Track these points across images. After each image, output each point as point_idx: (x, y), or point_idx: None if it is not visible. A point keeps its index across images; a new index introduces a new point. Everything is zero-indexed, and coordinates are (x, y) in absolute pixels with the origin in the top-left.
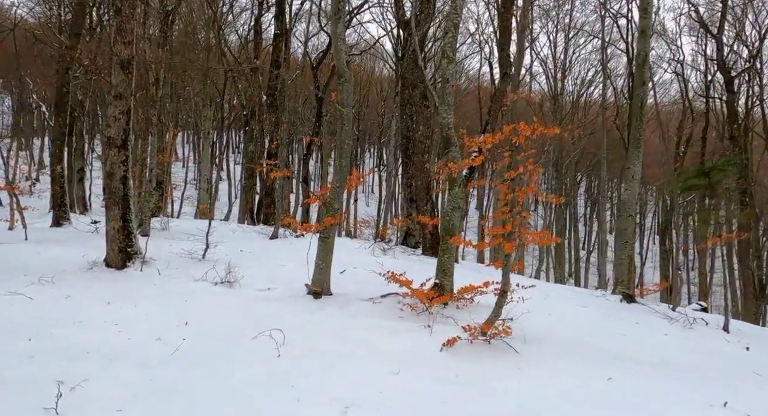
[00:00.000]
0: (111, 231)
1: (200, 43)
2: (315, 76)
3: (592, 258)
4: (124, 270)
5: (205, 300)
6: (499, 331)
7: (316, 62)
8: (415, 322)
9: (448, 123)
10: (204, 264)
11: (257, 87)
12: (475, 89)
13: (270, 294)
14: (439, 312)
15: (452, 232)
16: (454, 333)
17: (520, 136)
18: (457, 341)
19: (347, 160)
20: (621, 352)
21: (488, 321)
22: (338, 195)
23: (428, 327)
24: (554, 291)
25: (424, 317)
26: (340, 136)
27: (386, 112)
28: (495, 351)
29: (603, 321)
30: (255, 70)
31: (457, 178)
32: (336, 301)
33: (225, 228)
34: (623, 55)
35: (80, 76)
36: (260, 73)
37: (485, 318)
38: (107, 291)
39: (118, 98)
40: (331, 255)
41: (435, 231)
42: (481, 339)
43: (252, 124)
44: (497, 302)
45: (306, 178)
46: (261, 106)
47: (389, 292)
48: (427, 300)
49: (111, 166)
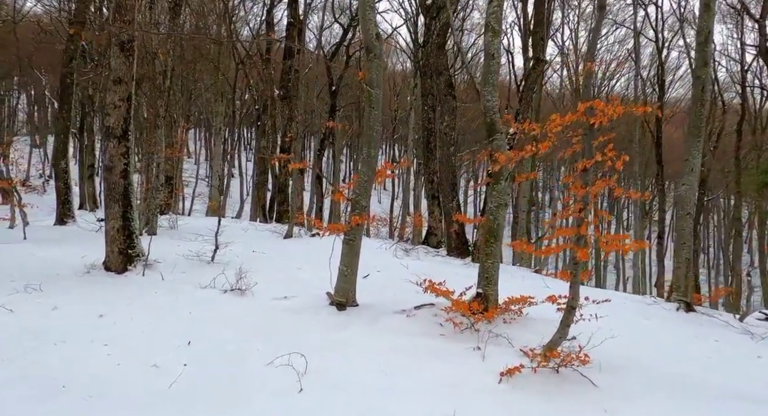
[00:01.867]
0: (110, 231)
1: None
2: (328, 68)
3: (609, 257)
4: (125, 275)
5: (213, 312)
6: (572, 358)
7: (329, 55)
8: (460, 342)
9: (492, 106)
10: (213, 267)
11: (269, 80)
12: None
13: (287, 304)
14: (486, 328)
15: (497, 233)
16: (510, 358)
17: (599, 116)
18: (520, 370)
19: (376, 149)
20: (719, 384)
21: (552, 344)
22: (366, 190)
23: (478, 349)
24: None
25: (470, 335)
26: (368, 121)
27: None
28: (567, 384)
29: (678, 340)
30: (267, 62)
31: (503, 171)
32: (363, 314)
33: (236, 227)
34: (646, 45)
35: (90, 70)
36: (272, 66)
37: (541, 336)
38: (102, 301)
39: (117, 83)
40: (357, 260)
41: (461, 230)
42: (546, 365)
43: (264, 119)
44: (563, 319)
45: (319, 175)
46: (273, 100)
47: (424, 303)
48: (472, 315)
49: (110, 159)
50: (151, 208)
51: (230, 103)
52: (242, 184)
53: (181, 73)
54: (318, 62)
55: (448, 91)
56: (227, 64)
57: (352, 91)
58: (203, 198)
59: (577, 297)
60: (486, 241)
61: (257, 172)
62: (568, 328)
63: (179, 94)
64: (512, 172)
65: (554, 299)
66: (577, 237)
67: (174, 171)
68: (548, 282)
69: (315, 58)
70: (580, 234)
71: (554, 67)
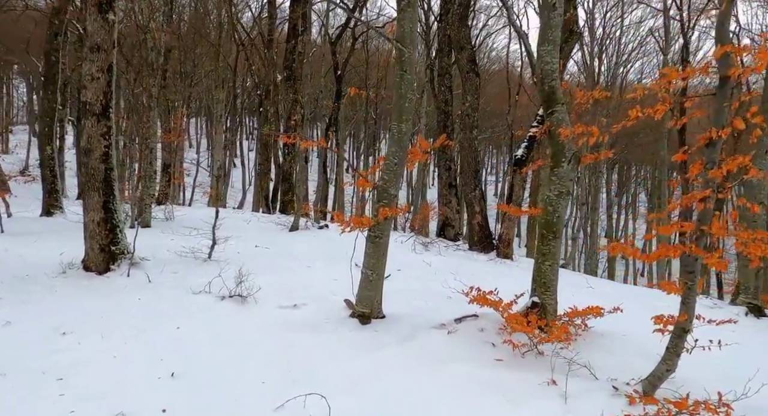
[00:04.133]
0: (89, 224)
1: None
2: (333, 52)
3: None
4: (106, 276)
5: (206, 326)
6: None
7: (334, 38)
8: (526, 371)
9: (552, 70)
10: (209, 266)
11: (272, 64)
12: (502, 69)
13: (297, 315)
14: (551, 349)
15: (556, 229)
16: (601, 398)
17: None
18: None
19: (409, 124)
20: None
21: (656, 378)
22: (396, 175)
23: (553, 383)
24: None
25: (534, 359)
26: (399, 89)
27: None
28: None
29: None
30: (270, 44)
31: (566, 151)
32: (393, 329)
33: (238, 218)
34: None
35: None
36: (275, 50)
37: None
38: (71, 312)
39: (95, 50)
40: (384, 261)
41: (485, 222)
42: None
43: (266, 105)
44: (671, 346)
45: (324, 163)
46: (276, 85)
47: (465, 315)
48: (533, 334)
49: (88, 140)
50: (144, 198)
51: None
52: (244, 174)
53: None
54: (324, 44)
55: (470, 67)
56: (228, 48)
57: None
58: (204, 187)
59: (691, 318)
60: (542, 238)
61: (259, 161)
62: (678, 358)
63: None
64: (577, 152)
65: (664, 323)
66: (696, 235)
67: (172, 158)
68: (590, 281)
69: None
70: (702, 231)
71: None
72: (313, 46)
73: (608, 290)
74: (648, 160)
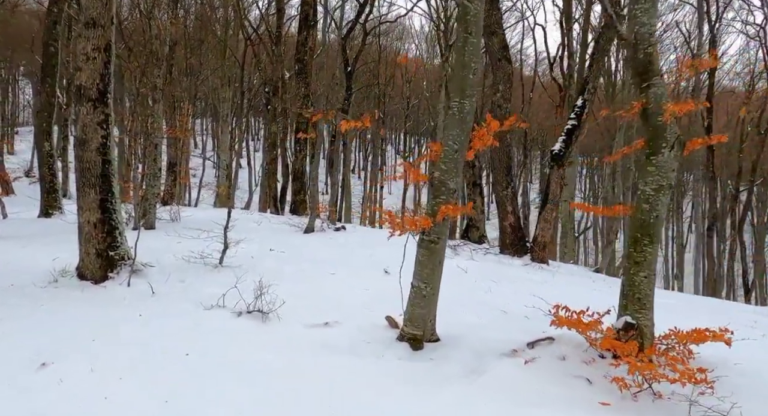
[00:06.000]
0: (84, 225)
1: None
2: (344, 47)
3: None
4: (104, 285)
5: (222, 353)
6: None
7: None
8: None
9: (649, 33)
10: (221, 273)
11: (279, 61)
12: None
13: (330, 335)
14: (668, 389)
15: (654, 231)
16: None
17: None
18: None
19: (473, 100)
20: None
21: None
22: (456, 165)
23: None
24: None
25: (651, 403)
26: (462, 57)
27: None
28: None
29: None
30: (278, 40)
31: (668, 135)
32: (454, 357)
33: (248, 219)
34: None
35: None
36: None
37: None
38: (57, 333)
39: (90, 26)
40: (440, 271)
41: (517, 224)
42: None
43: (274, 103)
44: None
45: (332, 161)
46: (284, 82)
47: (538, 338)
48: (653, 371)
49: (83, 129)
50: (149, 198)
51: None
52: (250, 175)
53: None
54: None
55: (502, 54)
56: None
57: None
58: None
59: None
60: (636, 243)
61: (267, 160)
62: None
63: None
64: (681, 137)
65: None
66: None
67: (178, 156)
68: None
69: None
70: None
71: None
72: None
73: (672, 301)
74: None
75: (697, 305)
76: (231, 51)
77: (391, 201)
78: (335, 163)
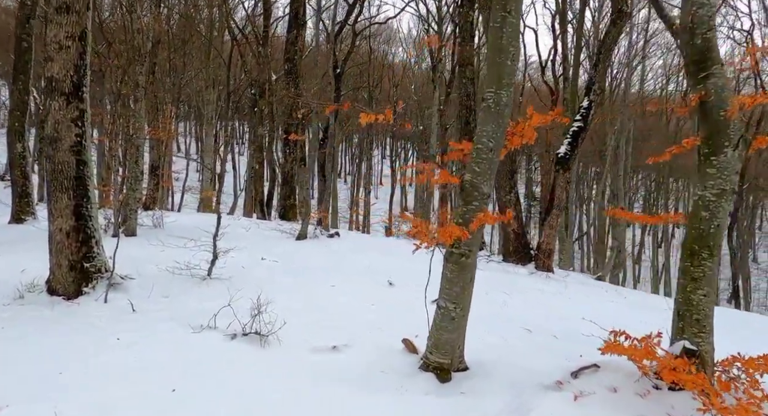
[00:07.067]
0: (56, 234)
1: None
2: (333, 49)
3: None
4: (77, 301)
5: (215, 387)
6: None
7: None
8: None
9: (708, 15)
10: (210, 286)
11: (266, 62)
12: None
13: (340, 362)
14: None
15: (713, 243)
16: None
17: None
18: None
19: (510, 91)
20: None
21: None
22: (491, 164)
23: None
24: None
25: None
26: (499, 40)
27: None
28: None
29: None
30: (265, 41)
31: (731, 132)
32: (488, 390)
33: (236, 225)
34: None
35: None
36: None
37: None
38: (16, 367)
39: (63, 11)
40: (471, 290)
41: (521, 230)
42: None
43: (261, 105)
44: None
45: (323, 166)
46: (271, 84)
47: (582, 366)
48: (708, 400)
49: (54, 127)
50: (129, 203)
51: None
52: (235, 178)
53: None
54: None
55: None
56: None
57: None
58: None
59: None
60: (693, 257)
61: (253, 163)
62: None
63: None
64: (745, 134)
65: None
66: None
67: (160, 159)
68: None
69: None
70: None
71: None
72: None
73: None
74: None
75: (735, 319)
76: (217, 51)
77: (378, 205)
78: (326, 167)
